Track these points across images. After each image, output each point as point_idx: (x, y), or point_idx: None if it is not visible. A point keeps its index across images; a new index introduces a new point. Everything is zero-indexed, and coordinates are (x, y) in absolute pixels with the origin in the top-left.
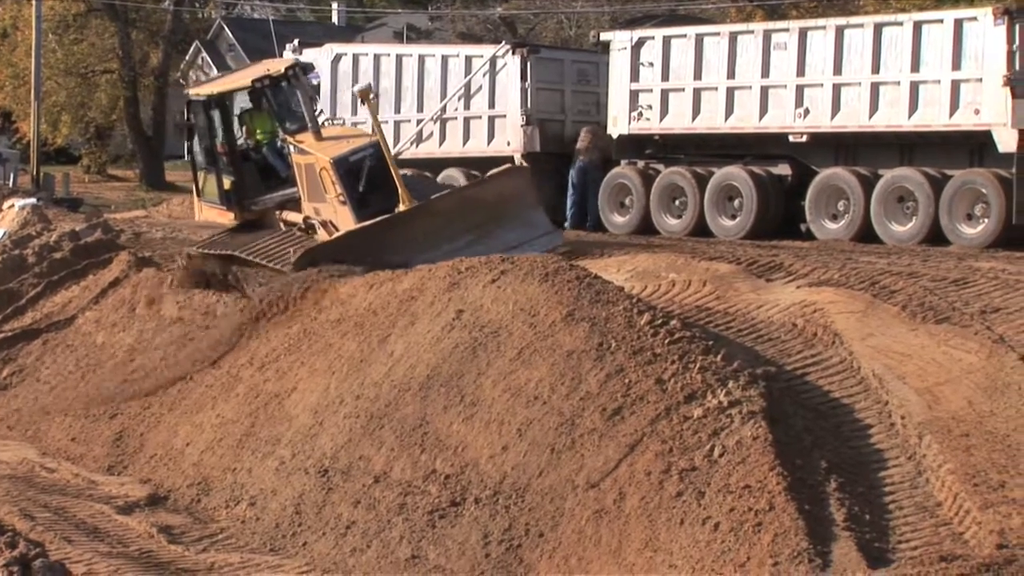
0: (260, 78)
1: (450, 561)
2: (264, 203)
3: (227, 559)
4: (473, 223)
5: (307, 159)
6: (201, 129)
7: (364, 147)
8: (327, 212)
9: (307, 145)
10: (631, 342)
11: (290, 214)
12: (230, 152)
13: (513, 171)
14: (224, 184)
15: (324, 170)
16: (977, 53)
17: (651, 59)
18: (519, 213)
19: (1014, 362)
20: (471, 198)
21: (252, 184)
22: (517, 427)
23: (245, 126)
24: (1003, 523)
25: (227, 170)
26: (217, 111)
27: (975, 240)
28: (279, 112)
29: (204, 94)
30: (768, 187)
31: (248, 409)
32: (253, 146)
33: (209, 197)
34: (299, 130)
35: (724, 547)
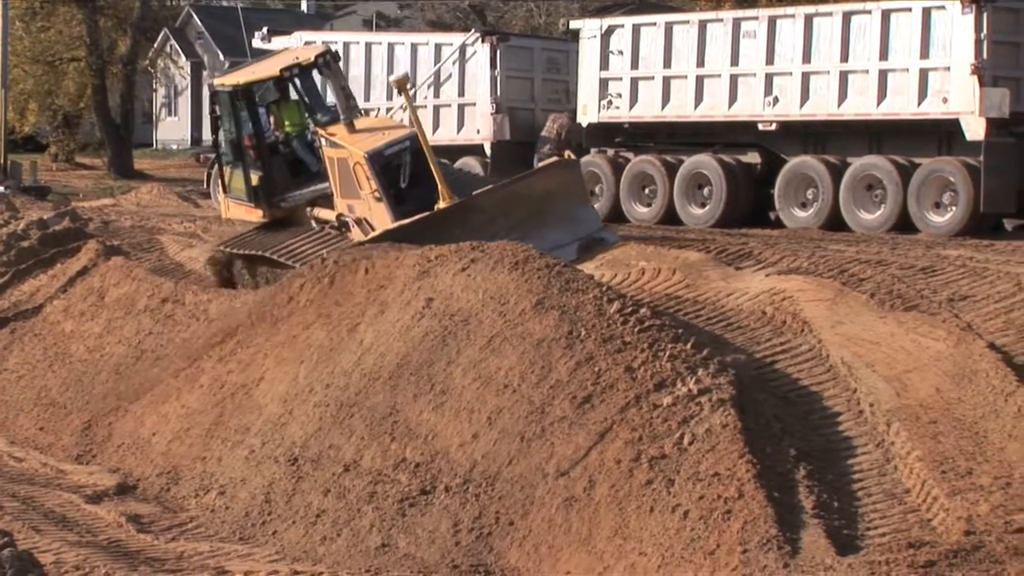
0: (289, 67)
1: (420, 549)
2: (294, 200)
3: (196, 548)
4: (518, 220)
5: (339, 153)
6: (226, 121)
7: (400, 139)
8: (361, 209)
9: (339, 138)
10: (601, 331)
11: (322, 211)
12: (257, 145)
13: (562, 164)
14: (251, 179)
15: (358, 165)
16: (945, 42)
17: (621, 47)
18: (568, 209)
19: (982, 350)
20: (516, 193)
21: (281, 179)
22: (487, 415)
23: (273, 117)
24: (971, 510)
25: (254, 165)
26: (243, 102)
27: (943, 228)
28: (309, 103)
29: (229, 84)
30: (737, 175)
31: (214, 400)
32: (282, 139)
33: (236, 193)
34: (330, 122)
35: (694, 535)
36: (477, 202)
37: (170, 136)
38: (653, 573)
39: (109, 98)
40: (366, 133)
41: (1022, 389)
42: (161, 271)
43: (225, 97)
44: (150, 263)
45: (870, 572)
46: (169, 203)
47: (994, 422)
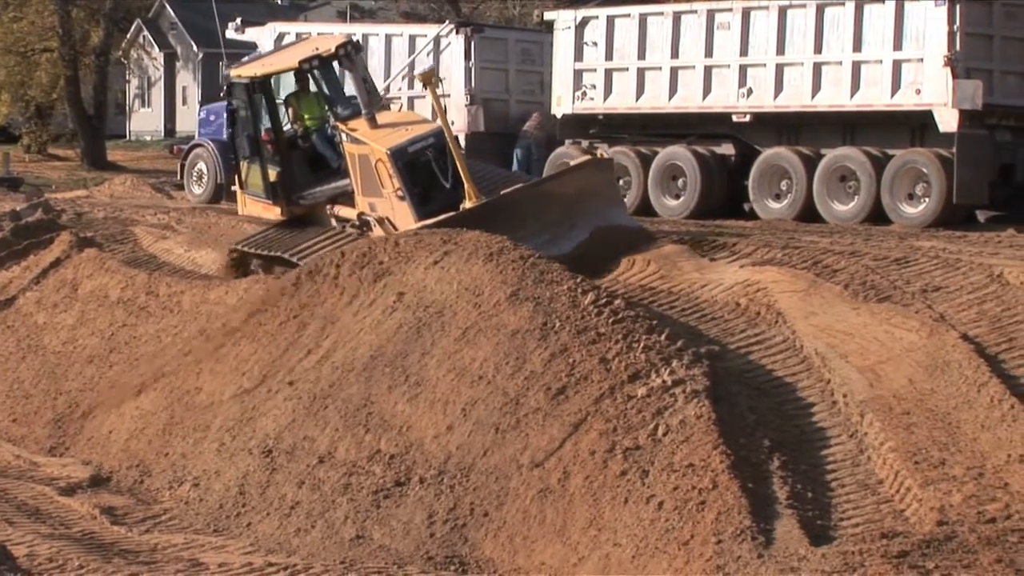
0: (308, 58)
1: (394, 541)
2: (314, 197)
3: (170, 540)
4: (549, 221)
5: (361, 149)
6: (243, 115)
7: (425, 136)
8: (384, 208)
9: (361, 133)
10: (575, 322)
11: (343, 209)
12: (276, 140)
13: (594, 164)
14: (269, 175)
15: (380, 162)
16: (918, 33)
17: (595, 39)
18: (600, 210)
19: (955, 340)
20: (547, 193)
21: (300, 175)
22: (462, 407)
23: (291, 110)
24: (943, 500)
25: (272, 160)
26: (261, 95)
27: (916, 219)
28: (329, 96)
29: (246, 76)
30: (712, 167)
31: (165, 402)
32: (301, 133)
33: (253, 190)
34: (351, 116)
35: (668, 525)
36: (505, 202)
37: (143, 127)
38: (627, 564)
39: (82, 89)
40: (389, 128)
41: (995, 380)
42: (134, 263)
43: (241, 89)
44: (123, 255)
45: (843, 562)
46: (142, 195)
47: (967, 413)
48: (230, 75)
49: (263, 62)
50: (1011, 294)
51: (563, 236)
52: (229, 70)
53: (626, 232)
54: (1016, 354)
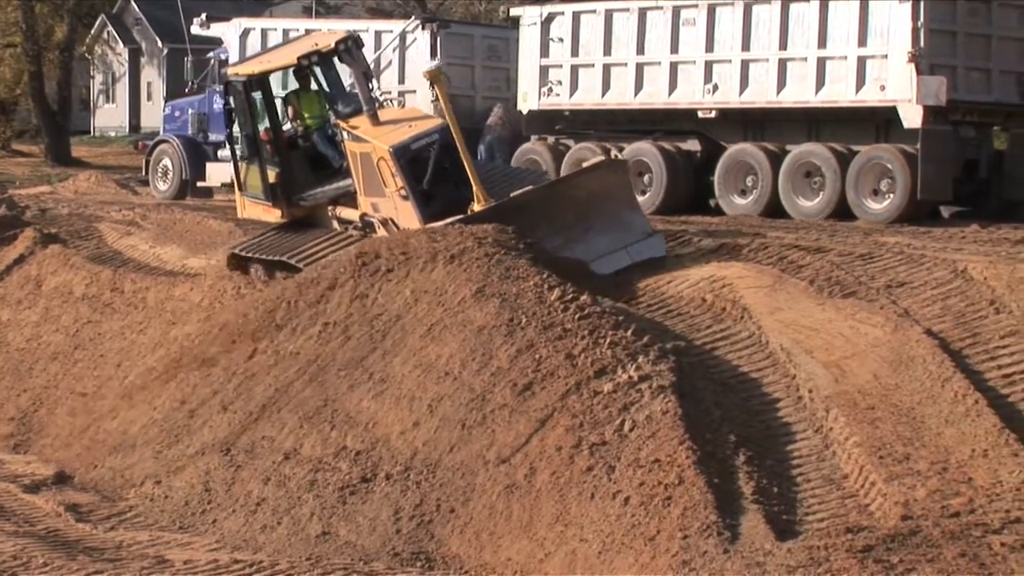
0: (307, 54)
1: (361, 537)
2: (315, 198)
3: (135, 537)
4: (562, 225)
5: (363, 147)
6: (241, 114)
7: (428, 132)
8: (387, 208)
9: (362, 131)
10: (541, 318)
11: (345, 210)
12: (275, 140)
13: (608, 165)
14: (268, 176)
15: (382, 160)
16: (883, 29)
17: (561, 35)
18: (614, 213)
19: (919, 336)
20: (559, 196)
21: (300, 176)
22: (428, 403)
23: (291, 108)
24: (908, 495)
25: (271, 160)
26: (259, 93)
27: (881, 215)
28: (329, 93)
29: (244, 74)
30: (677, 163)
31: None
32: (301, 132)
33: (252, 191)
34: (353, 113)
35: (634, 521)
36: (516, 205)
37: (108, 123)
38: (593, 559)
39: (46, 85)
40: (391, 125)
41: (959, 375)
42: (99, 259)
43: (239, 88)
44: (88, 251)
45: (809, 557)
46: (107, 191)
47: (931, 408)
48: (227, 74)
49: (261, 59)
50: (975, 289)
51: (577, 239)
52: (227, 69)
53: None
54: (980, 349)
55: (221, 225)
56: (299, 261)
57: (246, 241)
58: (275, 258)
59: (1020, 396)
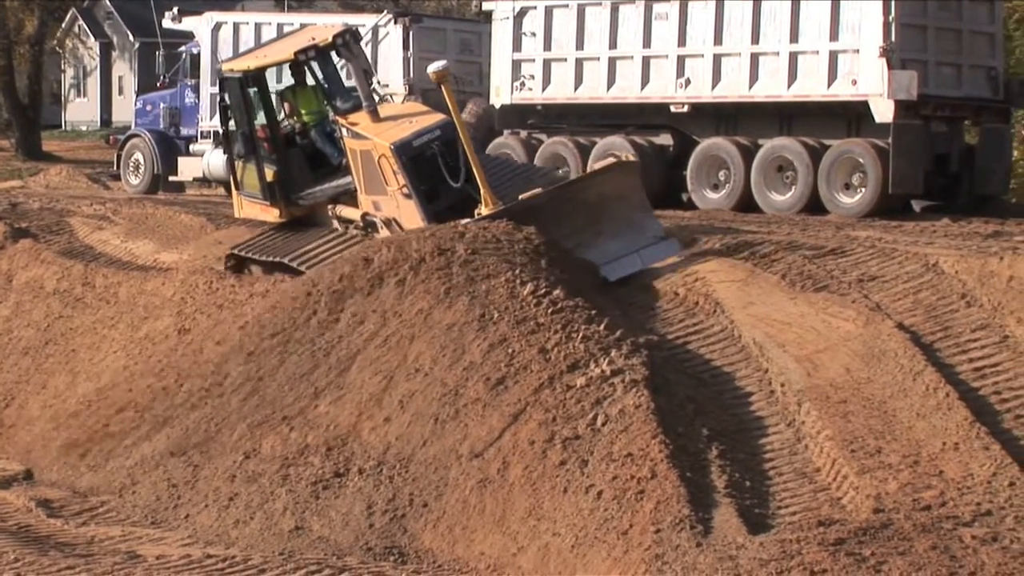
0: (304, 49)
1: (334, 532)
2: (314, 196)
3: (107, 532)
4: (572, 228)
5: (363, 144)
6: (237, 111)
7: (430, 128)
8: (389, 208)
9: (362, 128)
10: (514, 312)
11: (345, 209)
12: (272, 137)
13: (620, 167)
14: (266, 175)
15: (383, 157)
16: (854, 24)
17: (533, 29)
18: (626, 216)
19: (890, 330)
20: (570, 198)
21: (299, 174)
22: (399, 399)
23: (288, 104)
24: (879, 488)
25: (269, 158)
26: (255, 90)
27: (853, 209)
28: (328, 88)
29: (239, 69)
30: (650, 157)
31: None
32: (299, 129)
33: (249, 190)
34: (352, 109)
35: (607, 515)
36: (525, 209)
37: (79, 117)
38: (567, 553)
39: (16, 79)
40: (391, 122)
41: (930, 368)
42: (70, 254)
43: (234, 84)
44: (59, 246)
45: (781, 550)
46: (79, 185)
47: (902, 401)
48: (222, 69)
49: (256, 54)
50: (946, 283)
51: (588, 243)
52: (221, 64)
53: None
54: (951, 343)
55: (193, 219)
56: (300, 263)
57: (245, 241)
58: (275, 259)
59: (991, 389)
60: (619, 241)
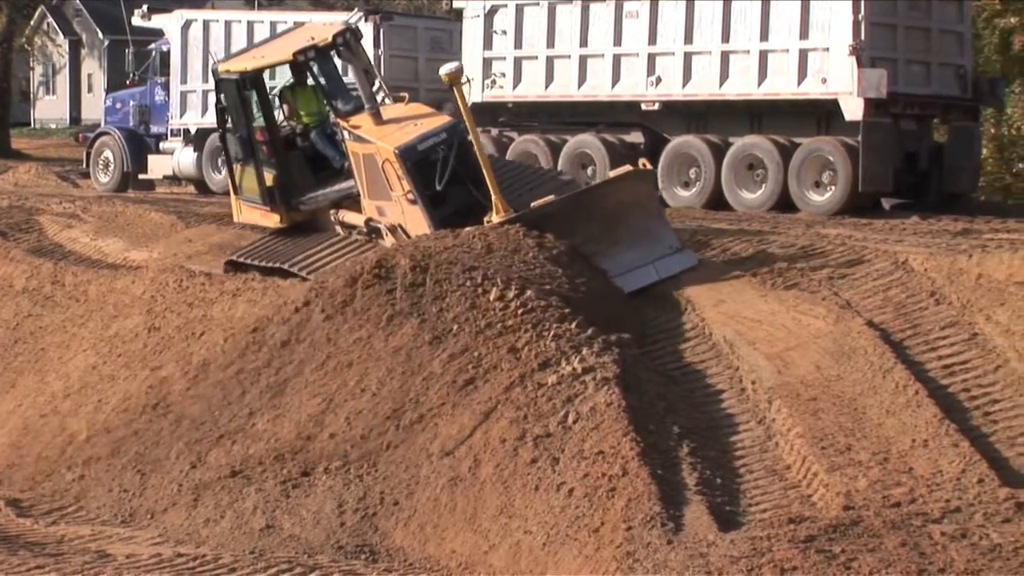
0: (303, 49)
1: (305, 531)
2: (315, 201)
3: (77, 532)
4: (587, 237)
5: (365, 148)
6: (234, 113)
7: (436, 131)
8: (394, 213)
9: (365, 131)
10: (476, 322)
11: (348, 214)
12: (271, 140)
13: (636, 174)
14: (265, 179)
15: (387, 162)
16: (824, 23)
17: (504, 27)
18: (643, 225)
19: (860, 327)
20: (584, 206)
21: (299, 178)
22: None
23: (286, 105)
24: (849, 485)
25: (268, 162)
26: (253, 92)
27: (823, 207)
28: (328, 90)
29: (236, 71)
30: (621, 155)
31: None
32: (299, 131)
33: (248, 195)
34: (354, 111)
35: (578, 512)
36: (538, 216)
37: (48, 115)
38: (538, 551)
39: None
40: (395, 125)
41: (899, 366)
42: (40, 252)
43: (231, 86)
44: (28, 244)
45: (752, 548)
46: (48, 183)
47: (872, 398)
48: (218, 70)
49: (254, 54)
50: (915, 281)
51: (603, 253)
52: (218, 64)
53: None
54: (920, 340)
55: (163, 218)
56: (301, 269)
57: (244, 247)
58: (278, 265)
59: (960, 386)
60: (635, 251)
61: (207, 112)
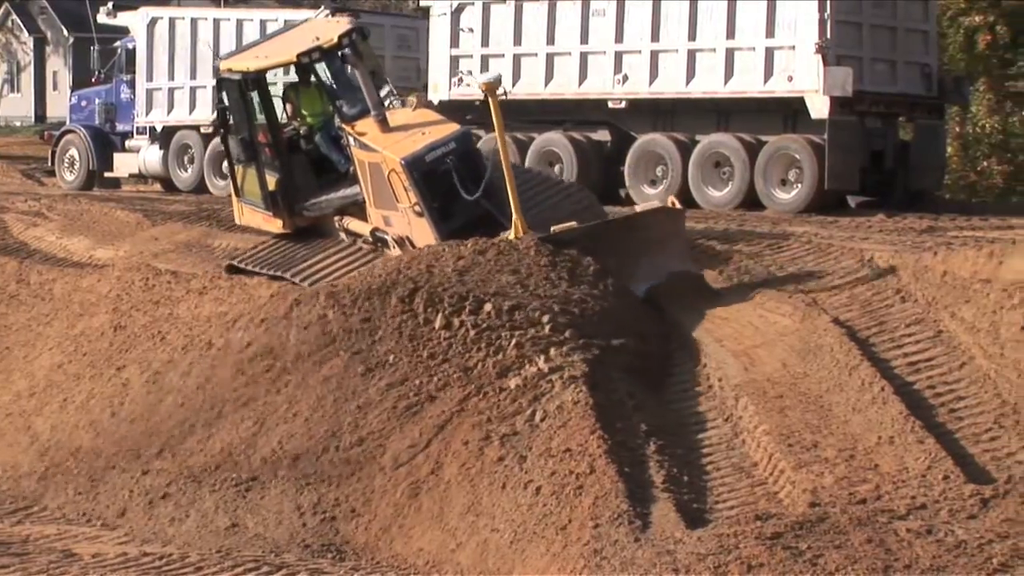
0: (308, 51)
1: (268, 530)
2: (319, 207)
3: (43, 531)
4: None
5: (371, 156)
6: (236, 114)
7: (444, 140)
8: (400, 224)
9: (370, 138)
10: (413, 353)
11: (353, 222)
12: (273, 142)
13: (664, 212)
14: (268, 183)
15: (393, 172)
16: (791, 21)
17: (471, 25)
18: (663, 265)
19: (827, 325)
20: (607, 237)
21: (303, 182)
22: (277, 439)
23: (290, 105)
24: (816, 482)
25: (271, 165)
26: (255, 92)
27: (789, 205)
28: (334, 92)
29: (238, 70)
30: (588, 153)
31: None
32: (304, 132)
33: (250, 198)
34: (359, 115)
35: (546, 510)
36: (557, 242)
37: (13, 113)
38: (505, 549)
39: None
40: (402, 132)
41: (865, 363)
42: (5, 250)
43: (232, 86)
44: None
45: (719, 545)
46: (13, 181)
47: (838, 396)
48: (220, 69)
49: (256, 53)
50: (881, 278)
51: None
52: (219, 63)
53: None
54: (886, 337)
55: (129, 216)
56: (304, 280)
57: (247, 251)
58: (279, 274)
59: (925, 383)
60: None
61: (173, 110)
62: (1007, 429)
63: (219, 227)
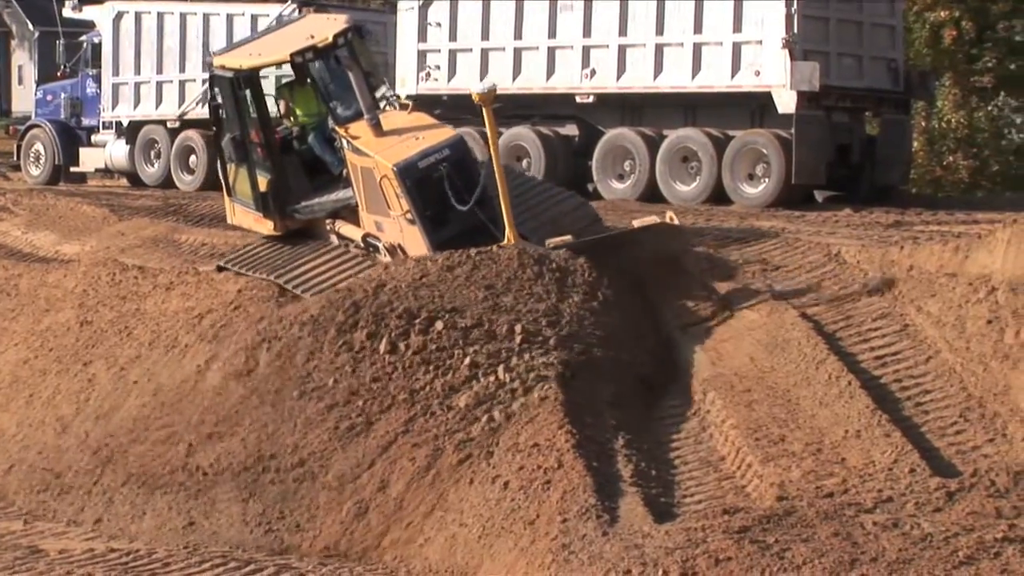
0: (302, 51)
1: (223, 529)
2: (311, 210)
3: (9, 527)
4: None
5: (364, 161)
6: (228, 112)
7: (439, 147)
8: (392, 231)
9: (363, 142)
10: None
11: (345, 226)
12: (266, 142)
13: (663, 229)
14: (259, 184)
15: (386, 179)
16: (758, 16)
17: (439, 19)
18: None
19: (794, 319)
20: (605, 255)
21: (295, 184)
22: (210, 461)
23: (283, 103)
24: (783, 476)
25: (262, 165)
26: (248, 91)
27: (756, 199)
28: (327, 89)
29: (231, 68)
30: (556, 147)
31: None
32: (297, 132)
33: (241, 198)
34: (353, 118)
35: (514, 505)
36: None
37: None
38: (473, 543)
39: None
40: (395, 137)
41: (832, 357)
42: None
43: (225, 83)
44: None
45: (686, 539)
46: None
47: (805, 390)
48: (212, 66)
49: (249, 50)
50: (848, 272)
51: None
52: (210, 58)
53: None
54: (853, 332)
55: (95, 211)
56: (296, 287)
57: (237, 252)
58: (268, 278)
59: (892, 377)
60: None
61: (139, 105)
62: (972, 423)
63: (186, 222)
